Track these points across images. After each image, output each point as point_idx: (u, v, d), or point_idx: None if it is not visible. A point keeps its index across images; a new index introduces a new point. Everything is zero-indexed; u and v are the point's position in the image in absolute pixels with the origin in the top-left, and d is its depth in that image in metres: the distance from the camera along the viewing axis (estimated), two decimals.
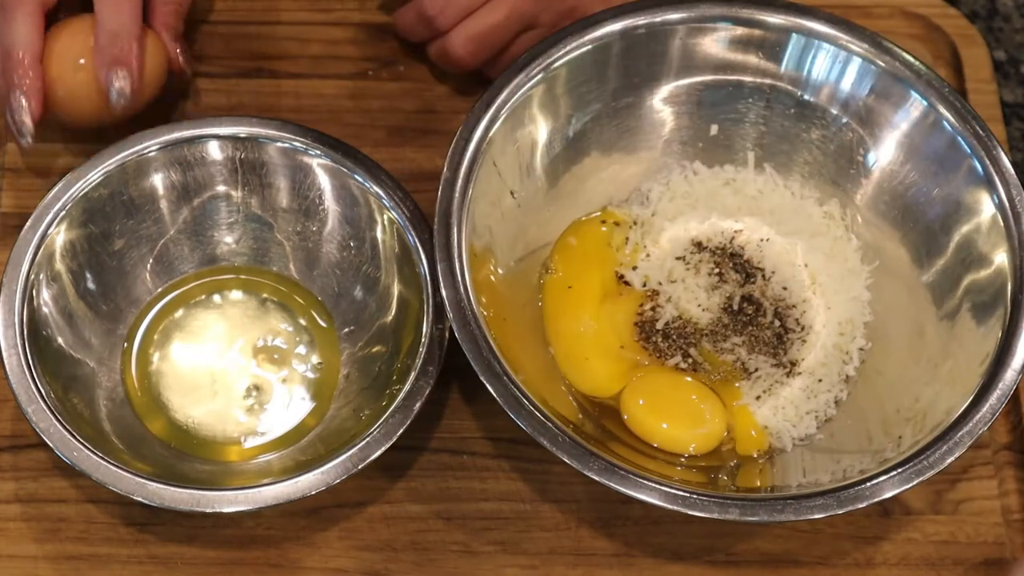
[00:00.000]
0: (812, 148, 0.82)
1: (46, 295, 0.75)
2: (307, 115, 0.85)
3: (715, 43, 0.81)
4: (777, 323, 0.79)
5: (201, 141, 0.77)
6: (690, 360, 0.78)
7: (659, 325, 0.78)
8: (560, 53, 0.79)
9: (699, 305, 0.79)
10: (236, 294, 0.80)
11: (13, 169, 0.83)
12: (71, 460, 0.70)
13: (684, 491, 0.69)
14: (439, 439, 0.78)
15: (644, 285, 0.80)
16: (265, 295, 0.80)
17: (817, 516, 0.69)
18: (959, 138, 0.78)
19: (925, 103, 0.79)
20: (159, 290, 0.79)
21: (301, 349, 0.78)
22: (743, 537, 0.76)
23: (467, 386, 0.79)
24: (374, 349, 0.77)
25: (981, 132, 0.78)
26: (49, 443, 0.70)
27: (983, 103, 0.87)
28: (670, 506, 0.69)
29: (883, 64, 0.79)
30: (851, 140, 0.81)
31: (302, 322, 0.79)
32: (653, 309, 0.79)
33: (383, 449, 0.71)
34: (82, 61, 0.77)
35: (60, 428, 0.71)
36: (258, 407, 0.77)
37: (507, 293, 0.77)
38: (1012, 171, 0.77)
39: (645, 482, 0.69)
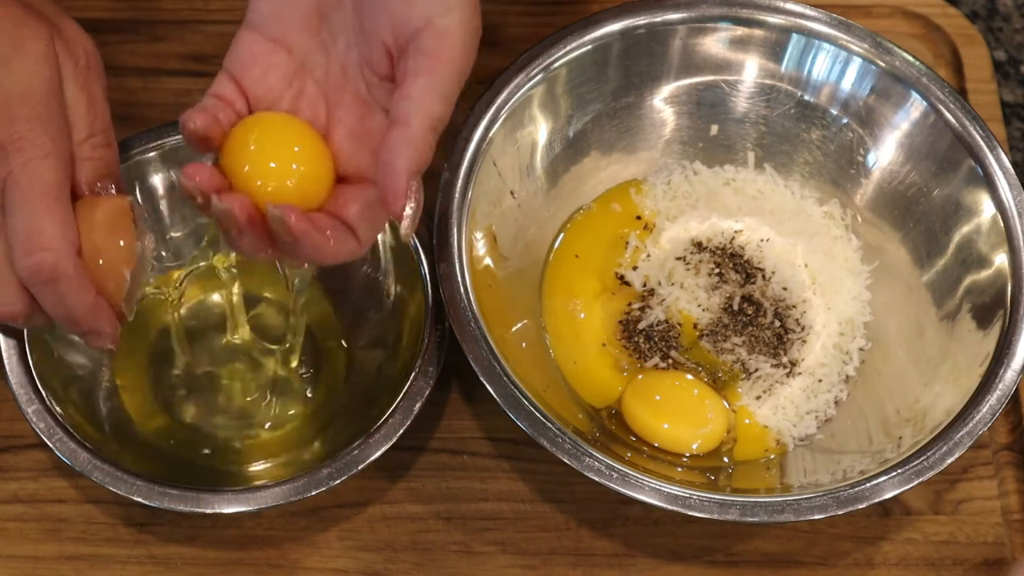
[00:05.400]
0: (812, 148, 0.82)
1: None
2: None
3: (715, 43, 0.81)
4: (777, 323, 0.79)
5: None
6: (669, 361, 0.78)
7: (642, 325, 0.78)
8: (560, 53, 0.79)
9: (699, 305, 0.79)
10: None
11: None
12: (71, 460, 0.70)
13: (684, 492, 0.69)
14: (439, 439, 0.78)
15: (644, 285, 0.80)
16: (266, 294, 0.80)
17: (817, 517, 0.69)
18: (959, 138, 0.78)
19: (925, 103, 0.79)
20: (158, 290, 0.79)
21: (301, 349, 0.78)
22: (743, 537, 0.76)
23: (467, 386, 0.79)
24: (374, 349, 0.77)
25: (981, 132, 0.78)
26: (49, 443, 0.70)
27: (983, 103, 0.87)
28: (670, 507, 0.69)
29: (883, 64, 0.80)
30: (851, 140, 0.81)
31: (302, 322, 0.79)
32: (642, 310, 0.79)
33: (383, 449, 0.71)
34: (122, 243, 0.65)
35: (60, 428, 0.71)
36: (258, 407, 0.77)
37: (507, 293, 0.77)
38: (1012, 171, 0.77)
39: (645, 483, 0.69)
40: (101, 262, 0.63)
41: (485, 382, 0.70)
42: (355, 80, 0.64)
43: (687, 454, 0.76)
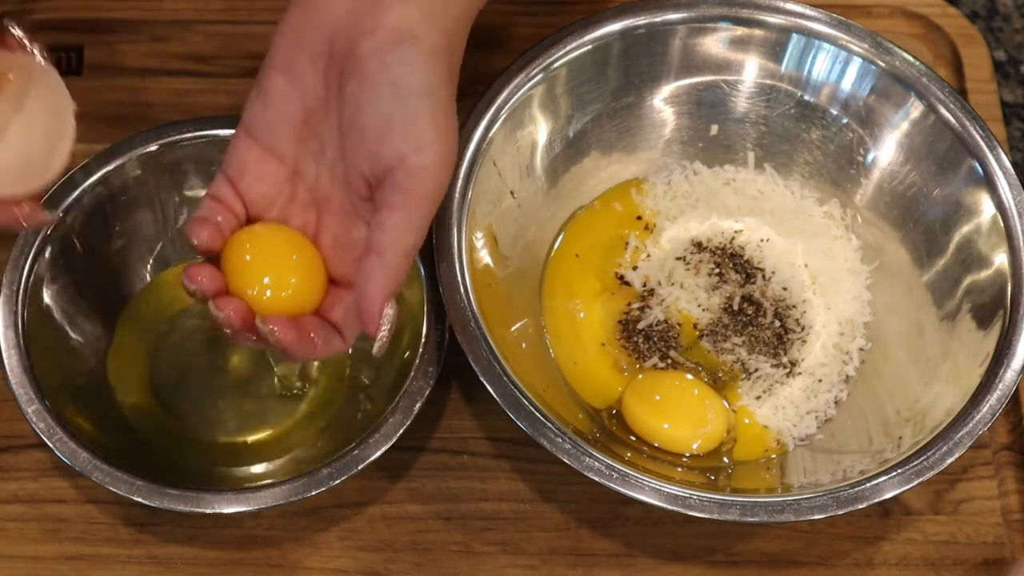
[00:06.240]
0: (812, 148, 0.82)
1: (46, 295, 0.75)
2: None
3: (715, 43, 0.81)
4: (777, 323, 0.79)
5: (201, 141, 0.77)
6: (668, 361, 0.78)
7: (641, 325, 0.78)
8: (560, 53, 0.79)
9: (699, 305, 0.79)
10: None
11: None
12: (71, 460, 0.70)
13: (684, 492, 0.69)
14: (439, 439, 0.78)
15: (644, 285, 0.80)
16: None
17: (817, 517, 0.69)
18: (959, 138, 0.78)
19: (925, 103, 0.79)
20: (157, 289, 0.79)
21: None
22: (743, 537, 0.76)
23: (467, 386, 0.79)
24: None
25: (981, 132, 0.78)
26: (49, 443, 0.70)
27: (983, 103, 0.87)
28: (670, 507, 0.69)
29: (883, 64, 0.79)
30: (851, 140, 0.81)
31: None
32: (641, 309, 0.79)
33: (383, 449, 0.71)
34: None
35: (60, 428, 0.71)
36: (258, 407, 0.77)
37: (507, 293, 0.77)
38: (1012, 171, 0.77)
39: (645, 483, 0.69)
40: None
41: (485, 382, 0.70)
42: (341, 190, 0.66)
43: (687, 454, 0.76)
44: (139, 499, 0.69)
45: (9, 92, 0.61)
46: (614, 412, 0.77)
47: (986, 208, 0.77)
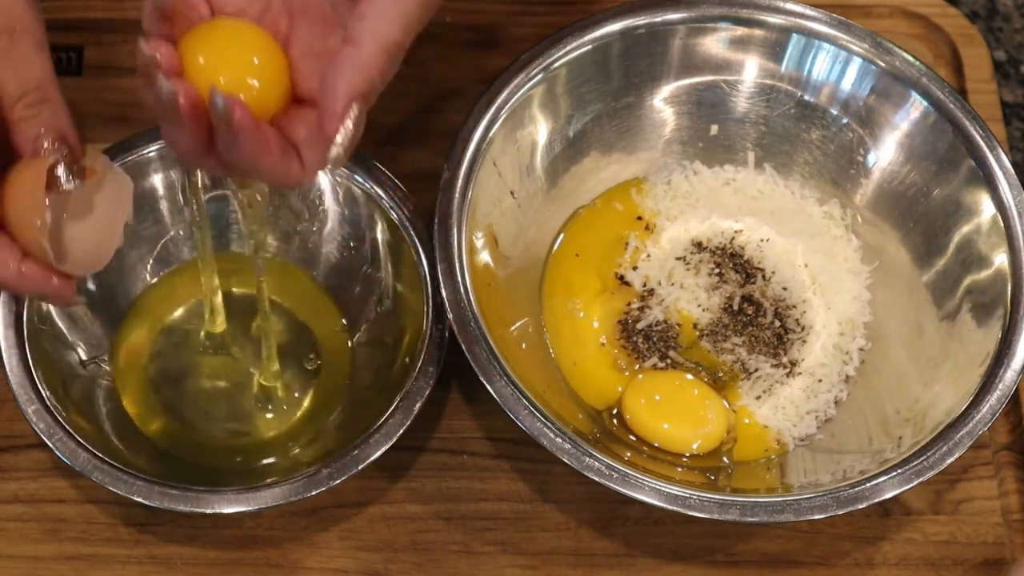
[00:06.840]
0: (812, 148, 0.82)
1: None
2: None
3: (715, 43, 0.81)
4: (777, 323, 0.79)
5: None
6: (668, 361, 0.78)
7: (641, 325, 0.78)
8: (560, 53, 0.79)
9: (699, 305, 0.79)
10: (237, 293, 0.79)
11: None
12: (71, 460, 0.70)
13: (684, 492, 0.69)
14: (439, 439, 0.78)
15: (644, 285, 0.80)
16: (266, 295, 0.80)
17: (817, 517, 0.69)
18: (959, 138, 0.78)
19: (925, 103, 0.79)
20: (159, 290, 0.79)
21: (301, 349, 0.78)
22: (743, 537, 0.76)
23: (467, 386, 0.79)
24: (374, 350, 0.77)
25: (981, 132, 0.78)
26: (49, 443, 0.70)
27: (983, 103, 0.87)
28: (670, 507, 0.69)
29: (883, 64, 0.80)
30: (851, 140, 0.81)
31: (303, 322, 0.79)
32: (641, 309, 0.79)
33: (383, 449, 0.71)
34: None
35: (60, 428, 0.71)
36: (258, 407, 0.77)
37: (507, 293, 0.77)
38: (1012, 171, 0.77)
39: (645, 483, 0.69)
40: (20, 224, 0.60)
41: (485, 382, 0.70)
42: None
43: (687, 454, 0.76)
44: (139, 499, 0.69)
45: (91, 182, 0.61)
46: (614, 412, 0.77)
47: (986, 208, 0.77)
